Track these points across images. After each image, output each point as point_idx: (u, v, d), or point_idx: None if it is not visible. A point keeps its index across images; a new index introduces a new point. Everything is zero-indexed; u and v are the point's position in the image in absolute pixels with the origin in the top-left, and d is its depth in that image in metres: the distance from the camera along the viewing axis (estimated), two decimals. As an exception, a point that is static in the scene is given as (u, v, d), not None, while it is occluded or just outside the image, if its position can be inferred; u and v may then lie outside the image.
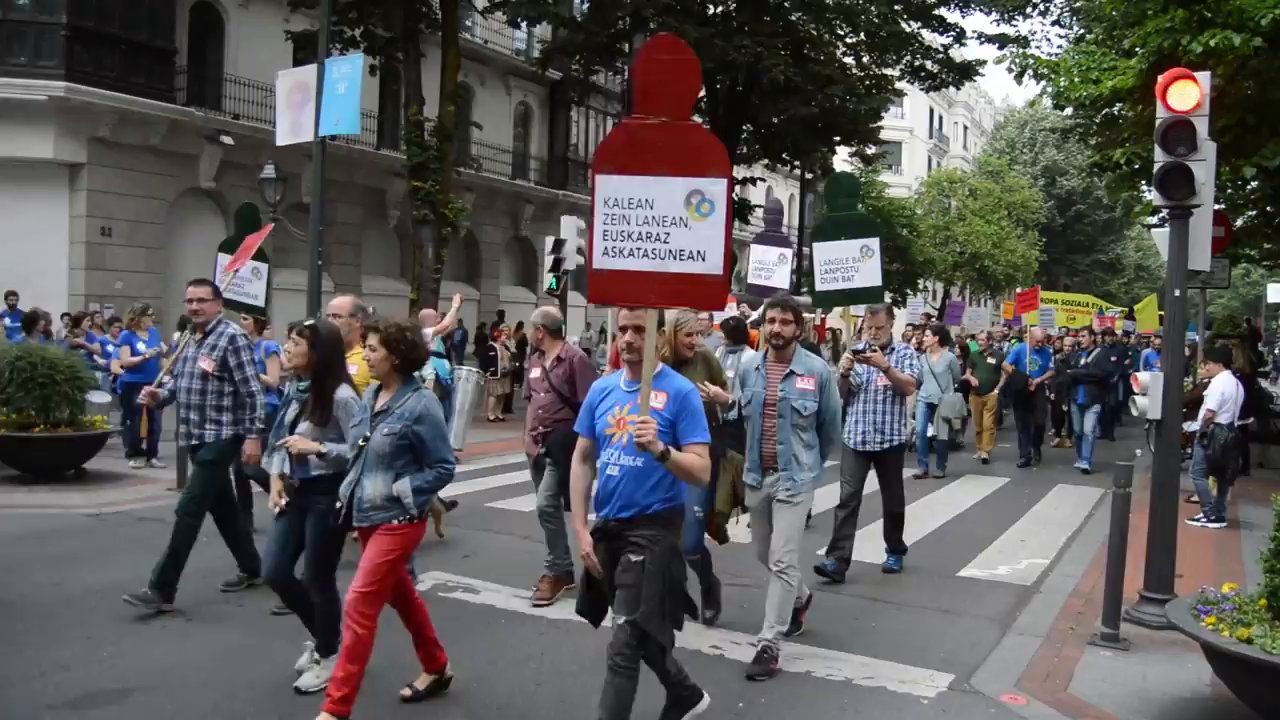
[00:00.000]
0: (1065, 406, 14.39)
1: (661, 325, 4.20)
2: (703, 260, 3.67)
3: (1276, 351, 38.29)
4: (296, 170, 18.53)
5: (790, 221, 36.73)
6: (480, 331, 21.42)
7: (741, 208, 23.47)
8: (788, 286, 11.66)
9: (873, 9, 20.34)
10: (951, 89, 34.49)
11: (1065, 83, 11.58)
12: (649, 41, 3.81)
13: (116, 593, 5.70)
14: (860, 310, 7.79)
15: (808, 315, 13.02)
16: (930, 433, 12.03)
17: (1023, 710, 4.66)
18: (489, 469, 11.40)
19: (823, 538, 7.30)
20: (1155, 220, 14.23)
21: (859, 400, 7.02)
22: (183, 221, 19.17)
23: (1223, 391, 9.28)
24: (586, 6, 22.03)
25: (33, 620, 5.44)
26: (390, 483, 4.18)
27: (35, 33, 16.91)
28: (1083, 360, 13.74)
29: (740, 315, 8.27)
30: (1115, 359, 15.39)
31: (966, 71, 22.70)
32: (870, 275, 6.99)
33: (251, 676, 4.72)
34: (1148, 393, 6.57)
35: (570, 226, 15.31)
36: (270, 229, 8.15)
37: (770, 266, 10.94)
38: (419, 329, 4.55)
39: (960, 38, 21.47)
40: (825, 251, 7.08)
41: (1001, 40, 19.87)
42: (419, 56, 18.19)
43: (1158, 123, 5.97)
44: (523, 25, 24.07)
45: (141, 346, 10.73)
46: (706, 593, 5.79)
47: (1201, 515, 9.33)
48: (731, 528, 5.84)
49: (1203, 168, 5.85)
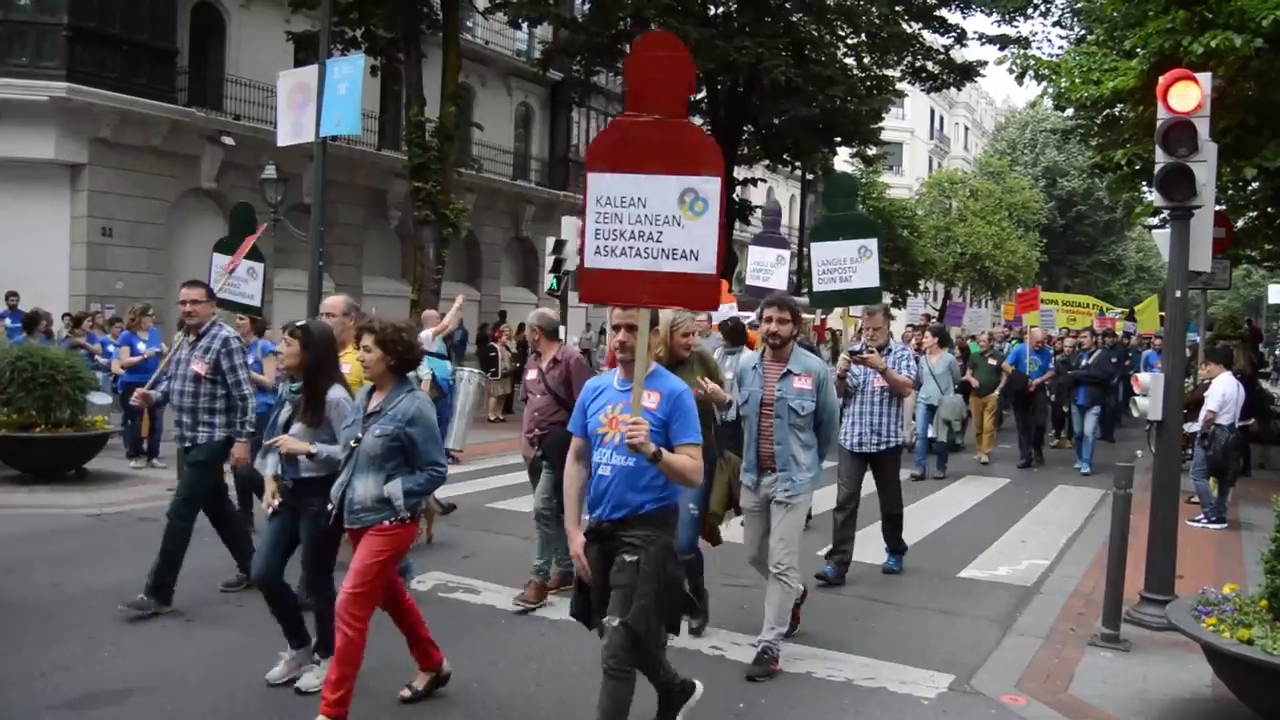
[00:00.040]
0: (1066, 408, 14.39)
1: (656, 324, 4.15)
2: (696, 259, 3.62)
3: (1277, 353, 38.23)
4: (298, 171, 18.55)
5: (792, 223, 36.79)
6: (482, 332, 21.42)
7: (743, 209, 23.46)
8: (786, 287, 11.67)
9: (874, 10, 20.34)
10: (952, 90, 34.55)
11: (1066, 84, 11.58)
12: (643, 38, 3.76)
13: (117, 593, 5.70)
14: (860, 312, 7.78)
15: (807, 316, 13.07)
16: (930, 434, 12.04)
17: (1023, 711, 4.66)
18: (490, 469, 11.41)
19: (822, 537, 7.31)
20: (1156, 221, 14.22)
21: (856, 401, 6.98)
22: (184, 222, 19.18)
23: (1224, 392, 9.27)
24: (587, 7, 22.03)
25: (33, 620, 5.44)
26: (381, 484, 4.15)
27: (37, 33, 16.93)
28: (1084, 361, 13.73)
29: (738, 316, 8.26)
30: (1116, 360, 15.38)
31: (967, 72, 22.71)
32: (868, 276, 6.94)
33: (251, 676, 4.71)
34: (1148, 394, 6.58)
35: (571, 227, 15.33)
36: (264, 228, 8.11)
37: (768, 268, 10.95)
38: (414, 329, 4.52)
39: (961, 39, 21.48)
40: (823, 252, 7.03)
41: (1002, 41, 19.89)
42: (420, 57, 18.20)
43: (1159, 124, 5.97)
44: (524, 26, 24.08)
45: (142, 347, 10.74)
46: (695, 594, 5.65)
47: (1202, 516, 9.32)
48: (725, 530, 5.81)
49: (1204, 169, 5.85)
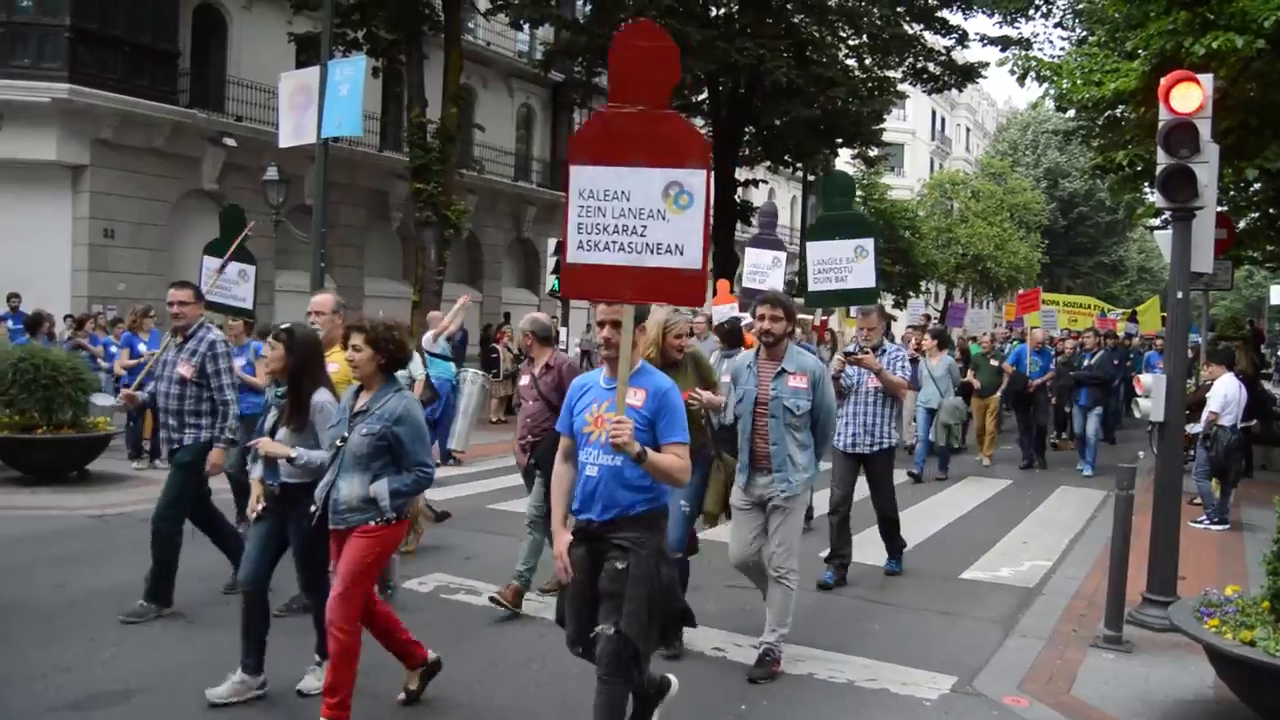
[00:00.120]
0: (1067, 408, 14.38)
1: (642, 321, 4.07)
2: (681, 254, 3.50)
3: (1279, 354, 38.20)
4: (299, 172, 18.56)
5: (793, 224, 36.77)
6: (485, 333, 21.42)
7: (744, 210, 23.47)
8: (782, 289, 11.63)
9: (875, 11, 20.34)
10: (954, 91, 34.57)
11: (1068, 85, 11.57)
12: (627, 28, 3.61)
13: (119, 594, 5.70)
14: (857, 312, 7.73)
15: (807, 316, 13.03)
16: (930, 438, 12.03)
17: (1025, 712, 4.66)
18: (491, 471, 11.39)
19: (822, 538, 7.30)
20: (1158, 222, 14.25)
21: (850, 402, 6.95)
22: (185, 223, 19.15)
23: (1226, 393, 9.26)
24: (589, 8, 22.03)
25: (35, 621, 5.45)
26: (367, 484, 4.08)
27: (39, 35, 16.93)
28: (1086, 362, 13.72)
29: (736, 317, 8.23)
30: (1118, 361, 15.37)
31: (969, 74, 22.69)
32: (864, 276, 6.78)
33: (253, 678, 4.70)
34: (1150, 395, 6.56)
35: (572, 228, 15.30)
36: (254, 225, 7.97)
37: (765, 269, 10.89)
38: (405, 327, 4.47)
39: (963, 40, 21.46)
40: (819, 251, 6.86)
41: (1004, 42, 19.86)
42: (421, 59, 18.20)
43: (1160, 125, 5.97)
44: (525, 27, 24.08)
45: (143, 348, 10.74)
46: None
47: (1204, 517, 9.31)
48: (708, 534, 5.72)
49: (1205, 170, 5.85)
